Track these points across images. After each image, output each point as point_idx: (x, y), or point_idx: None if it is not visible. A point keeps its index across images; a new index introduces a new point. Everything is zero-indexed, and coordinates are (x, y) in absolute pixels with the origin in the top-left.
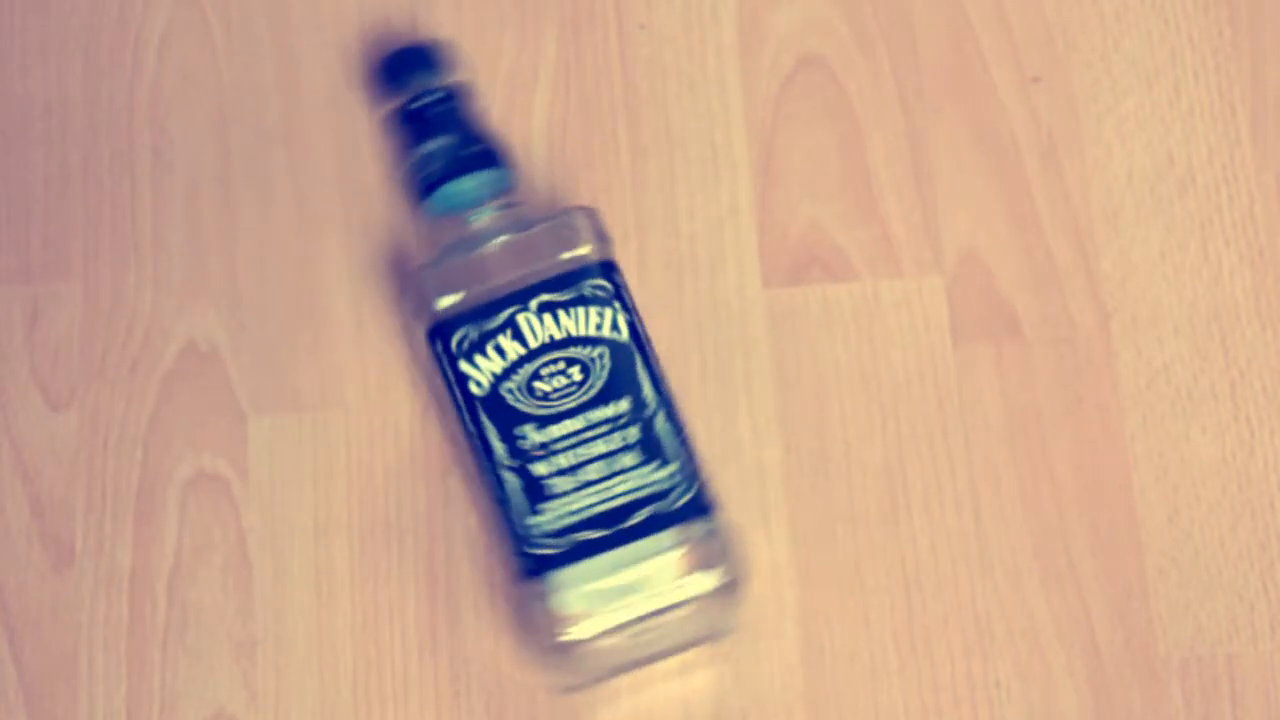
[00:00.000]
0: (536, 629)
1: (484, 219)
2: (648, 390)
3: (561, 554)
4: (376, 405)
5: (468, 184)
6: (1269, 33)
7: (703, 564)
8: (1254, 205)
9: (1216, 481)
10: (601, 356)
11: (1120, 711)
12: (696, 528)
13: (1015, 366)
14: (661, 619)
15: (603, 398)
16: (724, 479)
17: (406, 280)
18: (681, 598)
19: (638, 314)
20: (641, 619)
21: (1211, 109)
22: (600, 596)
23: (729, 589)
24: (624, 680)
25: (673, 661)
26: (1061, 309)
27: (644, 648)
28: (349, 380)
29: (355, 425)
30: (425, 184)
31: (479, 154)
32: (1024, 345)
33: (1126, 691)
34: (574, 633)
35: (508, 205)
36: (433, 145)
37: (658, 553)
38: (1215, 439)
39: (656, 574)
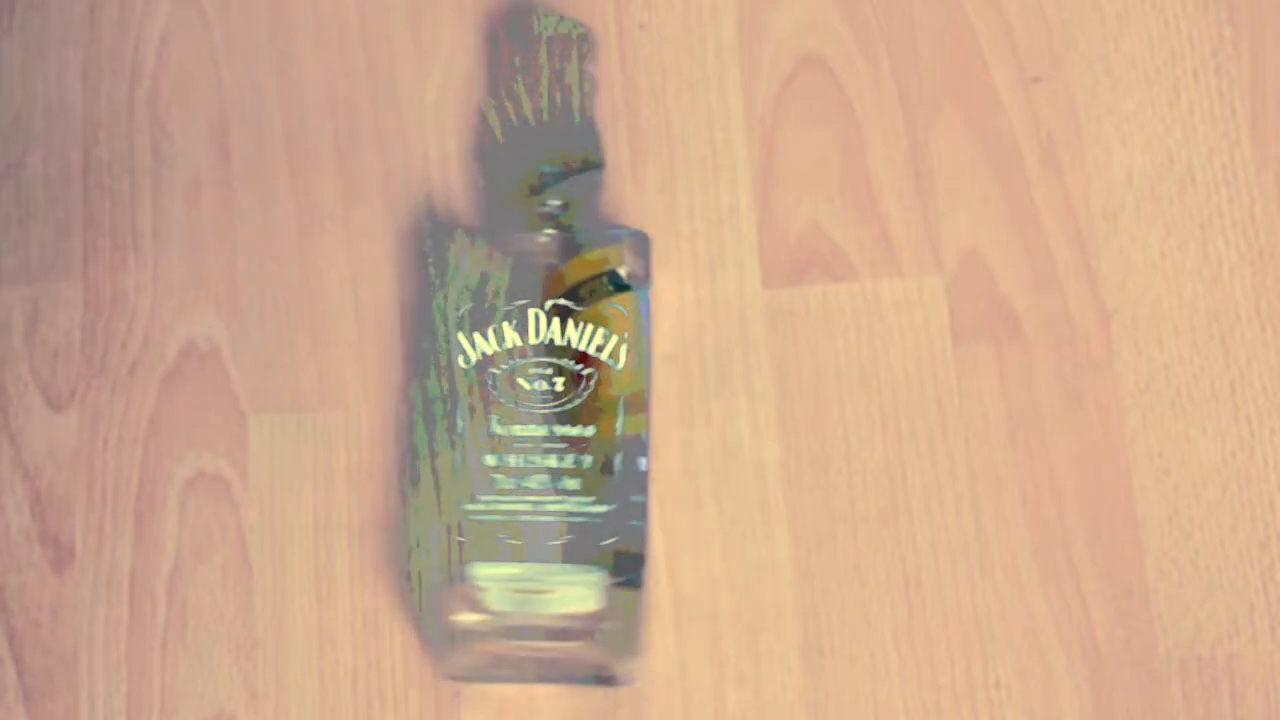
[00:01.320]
0: (431, 608)
1: (548, 207)
2: (620, 427)
3: (477, 546)
4: (376, 405)
5: (554, 170)
6: (1269, 33)
7: (604, 610)
8: (1254, 205)
9: (1216, 481)
10: (590, 377)
11: (1120, 711)
12: (611, 575)
13: (1015, 366)
14: (551, 643)
15: (574, 416)
16: (724, 479)
17: (442, 236)
18: (574, 628)
19: (649, 352)
20: (531, 634)
21: (1211, 109)
22: (499, 598)
23: (623, 643)
24: (514, 689)
25: (561, 688)
26: (1061, 309)
27: (533, 666)
28: (349, 380)
29: (355, 425)
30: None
31: (580, 146)
32: (1024, 345)
33: (1126, 691)
34: (464, 624)
35: (577, 204)
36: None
37: (565, 581)
38: (1215, 439)
39: (558, 600)
